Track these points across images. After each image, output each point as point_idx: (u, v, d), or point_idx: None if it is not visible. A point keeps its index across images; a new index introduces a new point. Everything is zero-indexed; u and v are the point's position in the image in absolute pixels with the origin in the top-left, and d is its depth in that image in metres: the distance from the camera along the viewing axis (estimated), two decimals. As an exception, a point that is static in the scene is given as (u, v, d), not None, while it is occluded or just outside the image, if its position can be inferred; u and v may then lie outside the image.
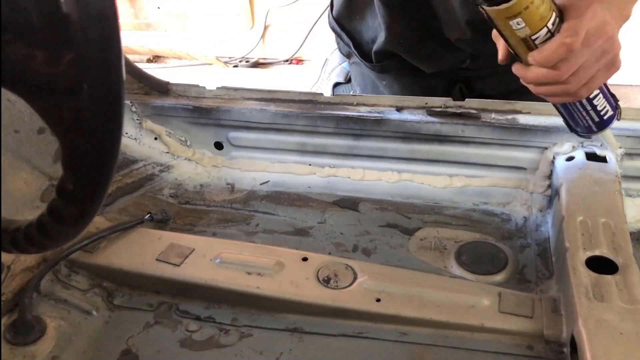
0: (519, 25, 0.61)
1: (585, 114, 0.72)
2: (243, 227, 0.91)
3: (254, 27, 3.49)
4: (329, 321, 0.72)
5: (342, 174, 0.99)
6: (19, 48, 0.34)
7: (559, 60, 0.62)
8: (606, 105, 0.72)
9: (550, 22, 0.61)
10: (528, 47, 0.63)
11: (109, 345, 0.71)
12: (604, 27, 0.62)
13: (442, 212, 0.92)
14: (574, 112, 0.73)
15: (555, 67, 0.63)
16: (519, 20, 0.60)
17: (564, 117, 0.75)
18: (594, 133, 0.75)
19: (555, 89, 0.66)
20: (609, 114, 0.73)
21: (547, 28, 0.61)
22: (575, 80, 0.64)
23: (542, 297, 0.71)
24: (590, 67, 0.64)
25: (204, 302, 0.76)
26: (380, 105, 0.95)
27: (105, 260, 0.79)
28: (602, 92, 0.71)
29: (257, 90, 1.01)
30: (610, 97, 0.73)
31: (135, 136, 1.04)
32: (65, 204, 0.44)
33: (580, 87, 0.66)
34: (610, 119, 0.74)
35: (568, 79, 0.64)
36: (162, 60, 3.77)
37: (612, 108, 0.73)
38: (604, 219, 0.74)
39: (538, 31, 0.61)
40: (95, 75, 0.36)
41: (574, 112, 0.73)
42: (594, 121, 0.73)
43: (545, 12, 0.61)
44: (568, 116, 0.74)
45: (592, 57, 0.63)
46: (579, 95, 0.68)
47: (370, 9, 1.02)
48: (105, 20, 0.35)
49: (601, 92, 0.71)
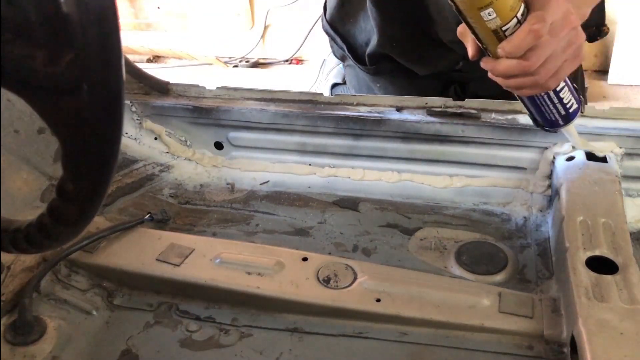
0: (490, 16, 0.61)
1: (552, 107, 0.73)
2: (243, 227, 0.91)
3: (254, 27, 3.49)
4: (329, 321, 0.72)
5: (342, 174, 0.99)
6: (19, 48, 0.34)
7: (527, 49, 0.62)
8: (572, 98, 0.73)
9: (519, 12, 0.62)
10: (498, 39, 0.64)
11: (109, 345, 0.71)
12: (569, 16, 0.63)
13: (442, 212, 0.92)
14: (542, 105, 0.73)
15: (524, 58, 0.63)
16: (490, 10, 0.61)
17: (530, 111, 0.76)
18: (560, 127, 0.75)
19: (524, 81, 0.66)
20: (574, 107, 0.74)
21: (517, 18, 0.62)
22: (544, 70, 0.65)
23: (542, 297, 0.71)
24: (557, 57, 0.65)
25: (204, 302, 0.76)
26: (380, 105, 0.95)
27: (105, 260, 0.79)
28: (567, 85, 0.72)
29: (257, 90, 1.01)
30: (574, 90, 0.73)
31: (135, 136, 1.04)
32: (65, 204, 0.44)
33: (549, 78, 0.66)
34: (575, 112, 0.74)
35: (537, 69, 0.64)
36: (162, 60, 3.77)
37: (576, 101, 0.74)
38: (604, 219, 0.74)
39: (508, 22, 0.62)
40: (95, 75, 0.36)
41: (542, 106, 0.73)
42: (561, 114, 0.73)
43: (514, 2, 0.61)
44: (535, 110, 0.75)
45: (558, 47, 0.64)
46: (548, 86, 0.68)
47: (363, 12, 1.02)
48: (105, 20, 0.35)
49: (566, 84, 0.72)
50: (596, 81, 3.05)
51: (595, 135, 0.86)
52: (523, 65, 0.64)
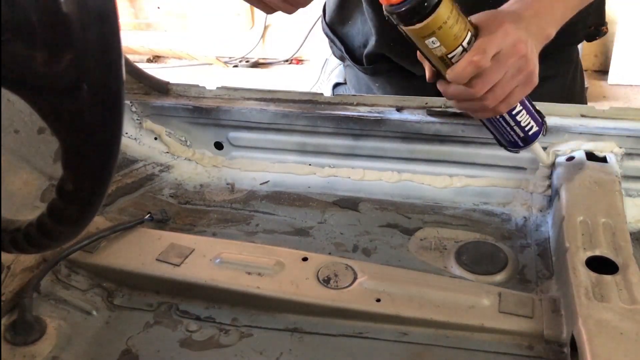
0: (435, 45, 0.64)
1: (509, 129, 0.74)
2: (243, 227, 0.91)
3: (254, 27, 3.49)
4: (329, 321, 0.72)
5: (342, 174, 0.99)
6: (19, 48, 0.34)
7: (470, 78, 0.64)
8: (530, 121, 0.74)
9: (465, 41, 0.64)
10: (446, 65, 0.66)
11: (109, 345, 0.71)
12: (517, 45, 0.64)
13: (442, 212, 0.92)
14: (499, 127, 0.75)
15: (469, 85, 0.65)
16: (434, 39, 0.63)
17: (490, 131, 0.77)
18: (521, 148, 0.77)
19: (474, 105, 0.69)
20: (533, 130, 0.75)
21: (462, 47, 0.64)
22: (492, 96, 0.67)
23: (542, 297, 0.71)
24: (506, 84, 0.66)
25: (204, 302, 0.76)
26: (380, 105, 0.95)
27: (105, 260, 0.79)
28: (525, 109, 0.73)
29: (257, 90, 1.01)
30: (535, 113, 0.75)
31: (135, 136, 1.04)
32: (65, 204, 0.44)
33: (498, 104, 0.68)
34: (535, 134, 0.76)
35: (485, 95, 0.66)
36: (162, 60, 3.78)
37: (537, 124, 0.75)
38: (604, 219, 0.74)
39: (453, 50, 0.64)
40: (95, 75, 0.36)
41: (499, 128, 0.75)
42: (519, 136, 0.75)
43: (459, 31, 0.63)
44: (494, 131, 0.77)
45: (507, 74, 0.65)
46: (498, 111, 0.70)
47: (361, 14, 1.02)
48: (105, 20, 0.35)
49: (524, 108, 0.73)
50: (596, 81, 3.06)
51: (595, 135, 0.86)
52: (469, 92, 0.66)
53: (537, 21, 0.70)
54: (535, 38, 0.69)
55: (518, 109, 0.72)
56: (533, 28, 0.68)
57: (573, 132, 0.86)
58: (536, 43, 0.69)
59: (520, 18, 0.67)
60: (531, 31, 0.68)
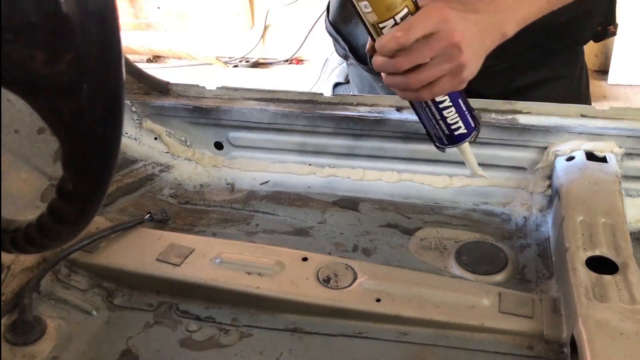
0: (367, 9, 0.63)
1: (435, 122, 0.73)
2: (243, 227, 0.91)
3: (254, 27, 3.49)
4: (329, 321, 0.72)
5: (342, 174, 0.99)
6: (19, 48, 0.34)
7: (393, 52, 0.64)
8: (458, 120, 0.72)
9: (399, 15, 0.63)
10: (377, 34, 0.66)
11: (109, 345, 0.71)
12: (452, 32, 0.63)
13: (442, 212, 0.92)
14: (426, 117, 0.73)
15: (393, 57, 0.65)
16: (366, 3, 0.63)
17: (420, 121, 0.76)
18: (446, 146, 0.75)
19: (398, 81, 0.68)
20: (460, 131, 0.73)
21: (394, 20, 0.64)
22: (415, 77, 0.66)
23: (542, 297, 0.71)
24: (432, 69, 0.65)
25: (204, 302, 0.76)
26: (380, 105, 0.95)
27: (105, 260, 0.79)
28: (455, 106, 0.71)
29: (257, 90, 1.01)
30: (467, 114, 0.73)
31: (135, 136, 1.04)
32: (65, 204, 0.44)
33: (421, 88, 0.67)
34: (462, 136, 0.73)
35: (409, 74, 0.66)
36: (162, 60, 3.78)
37: (466, 126, 0.73)
38: (604, 219, 0.74)
39: (385, 20, 0.64)
40: (95, 75, 0.36)
41: (426, 118, 0.74)
42: (444, 133, 0.73)
43: (393, 4, 0.63)
44: (422, 120, 0.75)
45: (435, 59, 0.65)
46: (421, 96, 0.69)
47: None
48: (105, 20, 0.35)
49: (454, 106, 0.71)
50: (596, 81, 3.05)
51: (595, 135, 0.86)
52: (391, 63, 0.66)
53: (494, 18, 0.68)
54: (487, 34, 0.67)
55: (447, 104, 0.71)
56: (486, 24, 0.67)
57: (573, 132, 0.86)
58: (486, 40, 0.68)
59: (474, 10, 0.66)
60: (482, 27, 0.66)
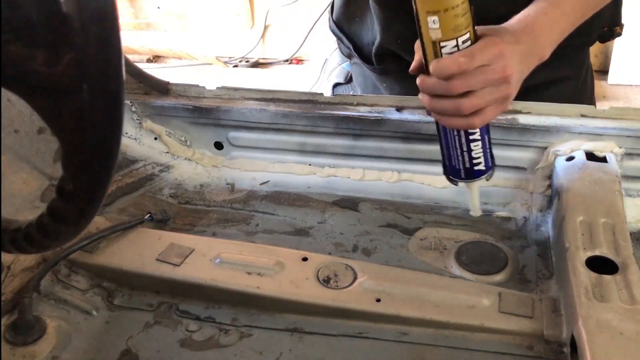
0: (434, 25, 0.63)
1: (459, 154, 0.73)
2: (243, 227, 0.91)
3: (254, 27, 3.49)
4: (329, 321, 0.72)
5: (342, 174, 0.99)
6: (19, 48, 0.34)
7: (452, 75, 0.65)
8: (481, 157, 0.73)
9: (461, 38, 0.64)
10: (435, 54, 0.66)
11: (109, 345, 0.71)
12: (505, 67, 0.66)
13: (442, 212, 0.92)
14: (452, 146, 0.73)
15: (449, 80, 0.66)
16: (436, 19, 0.63)
17: (442, 150, 0.76)
18: (461, 180, 0.76)
19: (447, 105, 0.68)
20: (480, 167, 0.74)
21: (456, 42, 0.64)
22: (468, 101, 0.67)
23: (542, 297, 0.71)
24: (484, 96, 0.67)
25: (204, 302, 0.76)
26: (380, 105, 0.95)
27: (105, 260, 0.79)
28: (482, 142, 0.72)
29: (257, 90, 1.01)
30: (489, 153, 0.74)
31: (135, 136, 1.04)
32: (65, 204, 0.44)
33: (473, 114, 0.68)
34: (479, 172, 0.74)
35: (462, 99, 0.67)
36: (162, 60, 3.78)
37: (485, 163, 0.74)
38: (604, 219, 0.74)
39: (447, 40, 0.64)
40: (95, 75, 0.36)
41: (451, 147, 0.73)
42: (464, 166, 0.74)
43: (460, 26, 0.63)
44: (445, 148, 0.75)
45: (487, 88, 0.66)
46: (473, 122, 0.69)
47: (369, 12, 1.02)
48: (105, 20, 0.35)
49: (482, 141, 0.72)
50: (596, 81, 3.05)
51: (595, 135, 0.86)
52: (445, 86, 0.66)
53: (534, 44, 0.71)
54: (527, 63, 0.70)
55: (476, 136, 0.72)
56: (527, 53, 0.70)
57: (573, 132, 0.86)
58: (528, 65, 0.71)
59: (518, 41, 0.69)
60: (524, 56, 0.69)
